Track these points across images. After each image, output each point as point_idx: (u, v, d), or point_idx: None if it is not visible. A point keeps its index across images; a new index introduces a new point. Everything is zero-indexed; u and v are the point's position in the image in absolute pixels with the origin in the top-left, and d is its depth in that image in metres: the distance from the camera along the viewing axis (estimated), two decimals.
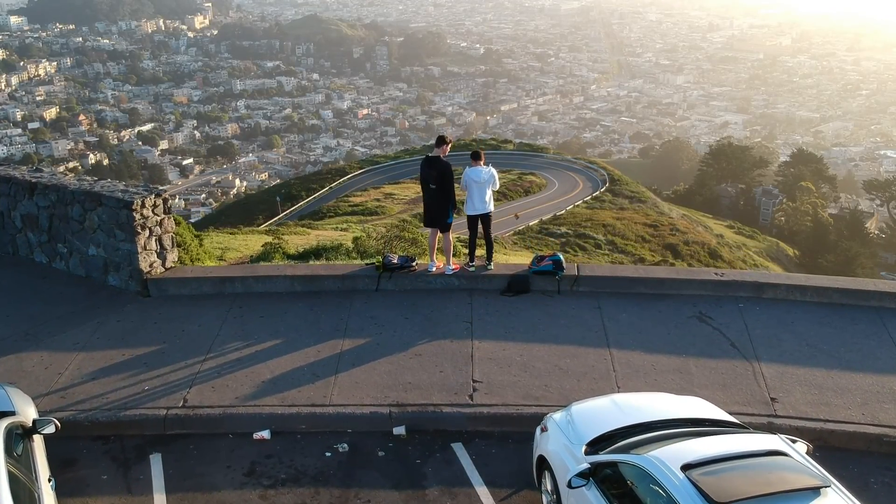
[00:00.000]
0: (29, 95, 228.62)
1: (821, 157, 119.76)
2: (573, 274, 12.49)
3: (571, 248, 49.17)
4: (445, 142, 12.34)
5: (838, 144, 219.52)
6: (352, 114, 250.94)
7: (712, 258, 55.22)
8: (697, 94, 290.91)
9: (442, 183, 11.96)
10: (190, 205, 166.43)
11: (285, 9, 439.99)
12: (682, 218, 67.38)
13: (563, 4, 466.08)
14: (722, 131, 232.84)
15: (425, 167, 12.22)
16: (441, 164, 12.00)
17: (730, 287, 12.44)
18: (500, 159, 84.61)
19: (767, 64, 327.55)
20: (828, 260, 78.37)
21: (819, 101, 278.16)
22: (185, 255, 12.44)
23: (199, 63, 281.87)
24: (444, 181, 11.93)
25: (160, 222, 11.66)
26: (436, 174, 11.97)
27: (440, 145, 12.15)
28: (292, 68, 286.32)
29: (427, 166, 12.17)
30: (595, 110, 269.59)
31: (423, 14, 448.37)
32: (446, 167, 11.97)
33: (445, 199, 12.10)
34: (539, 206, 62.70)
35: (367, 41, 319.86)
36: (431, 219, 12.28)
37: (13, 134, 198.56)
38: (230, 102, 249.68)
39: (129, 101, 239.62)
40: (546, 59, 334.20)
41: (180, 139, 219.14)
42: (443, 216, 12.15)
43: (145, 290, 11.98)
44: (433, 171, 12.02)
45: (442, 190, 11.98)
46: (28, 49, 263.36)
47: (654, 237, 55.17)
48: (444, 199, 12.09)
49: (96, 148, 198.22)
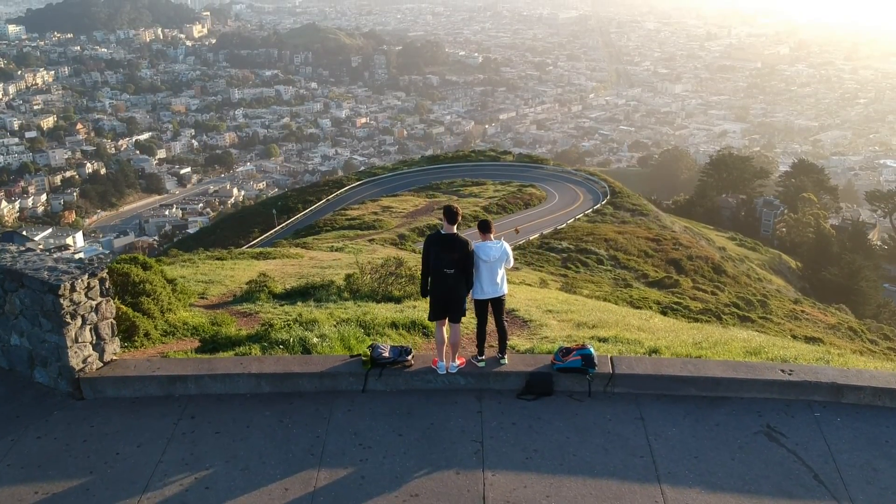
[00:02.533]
0: (26, 104, 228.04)
1: (822, 168, 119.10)
2: (607, 371, 9.99)
3: (573, 263, 48.21)
4: (489, 231, 10.09)
5: (837, 153, 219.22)
6: (350, 123, 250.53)
7: (716, 273, 54.26)
8: (696, 102, 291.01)
9: (465, 267, 9.73)
10: (187, 214, 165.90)
11: (284, 18, 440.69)
12: (684, 231, 66.49)
13: (561, 13, 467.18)
14: (721, 140, 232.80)
15: (438, 247, 9.67)
16: (462, 244, 9.70)
17: (801, 389, 9.87)
18: (499, 171, 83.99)
19: (765, 73, 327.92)
20: (831, 273, 77.53)
21: (817, 110, 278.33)
22: (155, 306, 11.22)
23: (198, 72, 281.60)
24: (467, 265, 9.74)
25: (96, 307, 9.45)
26: (458, 257, 9.62)
27: (452, 221, 9.78)
28: (291, 77, 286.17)
29: (441, 246, 9.65)
30: (593, 119, 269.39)
31: (421, 23, 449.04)
32: (469, 249, 9.80)
33: (465, 285, 9.88)
34: (539, 219, 61.78)
35: (365, 50, 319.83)
36: (444, 310, 9.93)
37: (10, 143, 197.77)
38: (228, 111, 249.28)
39: (126, 109, 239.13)
40: (544, 68, 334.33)
41: (178, 148, 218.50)
42: (460, 306, 9.97)
43: (77, 392, 9.74)
44: (454, 253, 9.60)
45: (464, 275, 9.79)
46: (26, 58, 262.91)
47: (656, 252, 54.17)
48: (463, 287, 9.86)
49: (93, 157, 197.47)
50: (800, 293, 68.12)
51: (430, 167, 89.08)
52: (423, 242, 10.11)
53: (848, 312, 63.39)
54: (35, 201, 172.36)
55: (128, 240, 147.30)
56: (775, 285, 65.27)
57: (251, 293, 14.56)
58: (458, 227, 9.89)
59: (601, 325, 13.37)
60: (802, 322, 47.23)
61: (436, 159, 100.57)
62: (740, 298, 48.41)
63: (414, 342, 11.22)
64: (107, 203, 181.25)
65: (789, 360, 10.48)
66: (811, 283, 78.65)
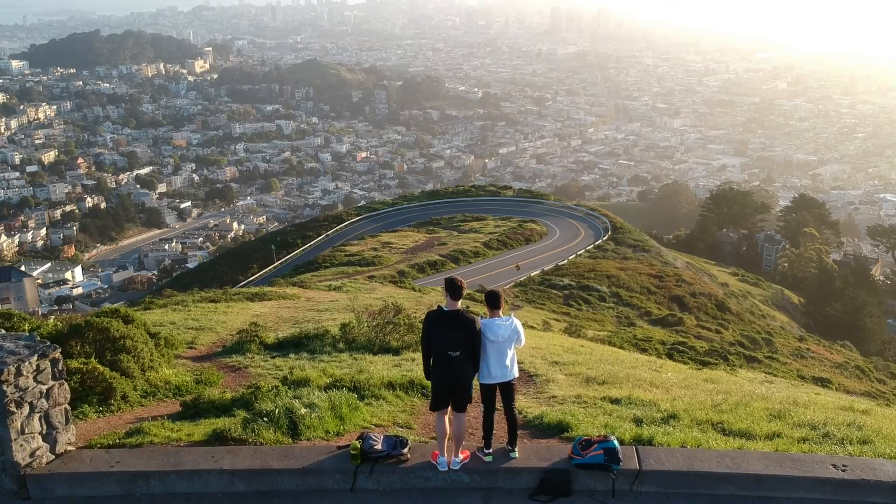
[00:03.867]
0: (28, 139, 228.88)
1: (822, 203, 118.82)
2: (633, 467, 8.49)
3: (575, 300, 47.56)
4: (498, 306, 8.74)
5: (837, 188, 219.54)
6: (350, 157, 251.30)
7: (720, 310, 53.59)
8: (695, 137, 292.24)
9: (472, 349, 8.48)
10: (187, 248, 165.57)
11: (285, 53, 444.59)
12: (686, 267, 65.88)
13: (560, 49, 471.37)
14: (720, 174, 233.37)
15: (441, 326, 8.44)
16: (468, 322, 8.43)
17: (858, 489, 8.21)
18: (499, 206, 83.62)
19: (764, 107, 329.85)
20: (835, 309, 76.78)
21: (816, 144, 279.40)
22: (135, 364, 10.51)
23: (199, 107, 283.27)
24: (474, 347, 8.49)
25: (47, 393, 8.02)
26: (464, 337, 8.38)
27: (456, 297, 8.50)
28: (291, 112, 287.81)
29: (444, 325, 8.42)
30: (593, 153, 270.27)
31: (421, 58, 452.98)
32: (476, 328, 8.51)
33: (472, 369, 8.61)
34: (540, 255, 61.19)
35: (366, 85, 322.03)
36: (448, 397, 8.64)
37: (11, 177, 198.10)
38: (229, 146, 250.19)
39: (127, 144, 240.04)
40: (544, 103, 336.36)
41: (179, 182, 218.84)
42: (466, 392, 8.65)
43: (24, 490, 8.28)
44: (459, 333, 8.36)
45: (470, 357, 8.52)
46: (28, 93, 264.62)
47: (659, 289, 53.53)
48: (470, 371, 8.60)
49: (94, 191, 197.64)
50: (804, 330, 67.33)
51: (430, 202, 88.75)
52: (423, 320, 8.79)
53: (853, 349, 62.60)
54: (35, 235, 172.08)
55: (127, 274, 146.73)
56: (779, 322, 64.53)
57: (241, 344, 13.88)
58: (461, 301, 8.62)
59: (611, 380, 12.58)
60: (809, 361, 46.44)
61: (436, 194, 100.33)
62: (745, 337, 47.68)
63: (412, 405, 10.41)
64: (106, 237, 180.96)
65: (818, 424, 9.59)
66: (815, 319, 77.81)
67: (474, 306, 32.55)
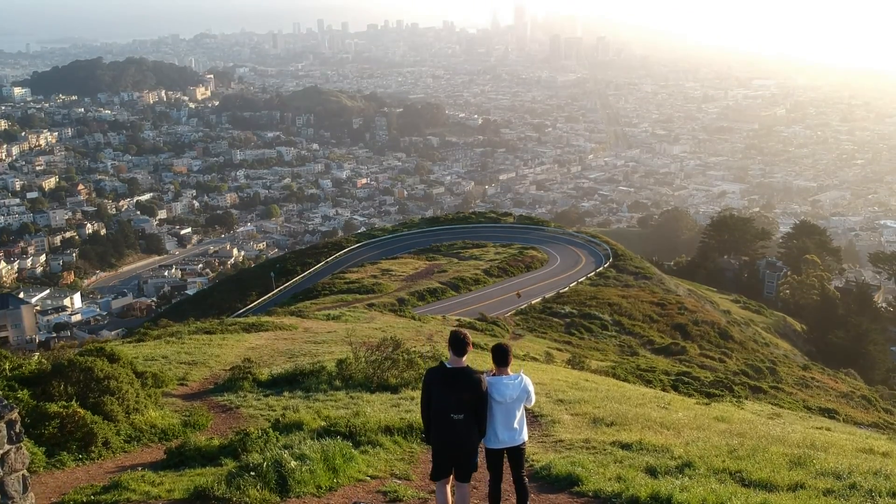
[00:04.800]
0: (28, 165, 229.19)
1: (823, 229, 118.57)
2: None
3: (577, 329, 47.08)
4: (506, 362, 7.86)
5: (837, 214, 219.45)
6: (351, 183, 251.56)
7: (723, 339, 53.09)
8: (694, 163, 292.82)
9: (477, 411, 7.53)
10: (186, 275, 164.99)
11: (286, 80, 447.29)
12: (688, 295, 65.44)
13: (559, 76, 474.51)
14: (720, 200, 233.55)
15: (443, 386, 7.54)
16: (474, 383, 7.46)
17: None
18: (500, 233, 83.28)
19: (763, 134, 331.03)
20: (838, 336, 76.30)
21: (815, 171, 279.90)
22: (119, 406, 10.02)
23: (200, 133, 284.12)
24: (479, 409, 7.55)
25: (2, 458, 6.85)
26: (468, 398, 7.45)
27: (460, 353, 7.56)
28: (292, 138, 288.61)
29: (446, 385, 7.52)
30: (593, 180, 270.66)
31: (421, 86, 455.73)
32: (483, 388, 7.56)
33: (477, 433, 7.63)
34: (541, 282, 60.73)
35: (366, 112, 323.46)
36: (450, 465, 7.70)
37: (11, 204, 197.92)
38: (230, 172, 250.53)
39: (128, 170, 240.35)
40: (543, 130, 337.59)
41: (179, 209, 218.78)
42: (470, 460, 7.67)
43: None
44: (462, 393, 7.44)
45: (475, 420, 7.56)
46: (30, 119, 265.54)
47: (661, 317, 53.06)
48: (475, 435, 7.62)
49: (94, 217, 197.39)
50: (807, 357, 66.78)
51: (431, 229, 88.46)
52: (423, 378, 7.87)
53: (857, 378, 62.05)
54: (34, 262, 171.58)
55: (126, 301, 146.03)
56: (782, 350, 63.97)
57: (234, 381, 13.37)
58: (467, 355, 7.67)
59: (620, 421, 12.00)
60: (814, 390, 45.89)
61: (436, 221, 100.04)
62: (749, 366, 47.16)
63: (411, 452, 9.83)
64: (106, 264, 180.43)
65: (842, 473, 8.92)
66: (818, 346, 77.30)
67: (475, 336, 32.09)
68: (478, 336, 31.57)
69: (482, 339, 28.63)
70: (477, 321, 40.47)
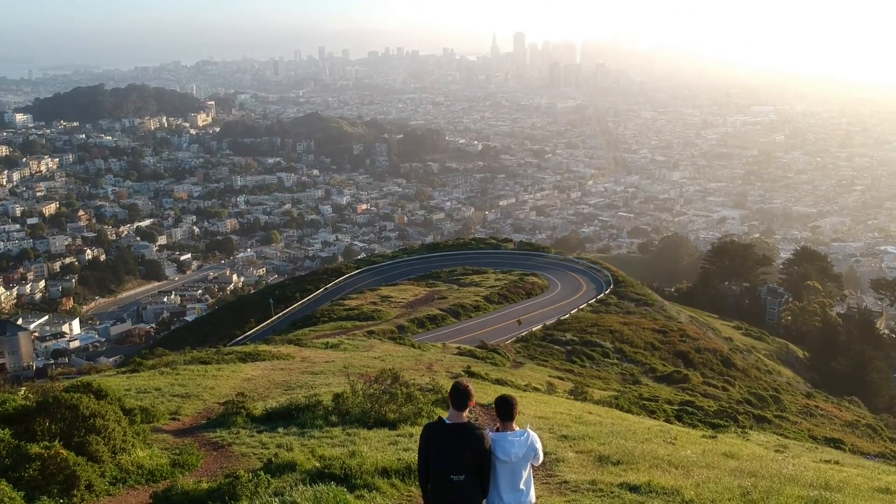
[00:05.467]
0: (29, 191, 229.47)
1: (824, 255, 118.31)
2: None
3: (578, 356, 46.58)
4: (511, 416, 7.22)
5: (837, 240, 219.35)
6: (351, 209, 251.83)
7: (726, 366, 52.58)
8: (694, 189, 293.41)
9: (480, 471, 6.88)
10: (186, 301, 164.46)
11: (287, 107, 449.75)
12: (690, 322, 65.00)
13: (559, 103, 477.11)
14: (720, 226, 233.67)
15: (443, 444, 6.93)
16: (476, 440, 6.82)
17: None
18: (500, 259, 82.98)
19: (762, 160, 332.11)
20: (841, 363, 75.78)
21: (815, 197, 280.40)
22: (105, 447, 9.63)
23: (201, 159, 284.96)
24: (482, 468, 6.91)
25: None
26: (469, 457, 6.82)
27: (462, 406, 6.93)
28: (293, 164, 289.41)
29: (446, 443, 6.92)
30: (593, 205, 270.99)
31: (422, 112, 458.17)
32: (486, 446, 6.92)
33: (479, 494, 6.95)
34: (542, 309, 60.30)
35: (367, 138, 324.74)
36: None
37: (11, 229, 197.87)
38: (230, 198, 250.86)
39: (129, 196, 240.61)
40: (543, 156, 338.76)
41: (179, 234, 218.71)
42: None
43: None
44: (464, 451, 6.83)
45: (477, 481, 6.89)
46: (31, 146, 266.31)
47: (663, 344, 52.60)
48: (477, 497, 6.93)
49: (94, 243, 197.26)
50: (810, 385, 66.20)
51: (431, 255, 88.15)
52: (421, 435, 7.20)
53: (861, 406, 61.46)
54: (33, 287, 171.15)
55: (125, 327, 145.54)
56: (785, 377, 63.41)
57: (227, 416, 12.96)
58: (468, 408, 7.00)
59: (626, 459, 11.54)
60: (818, 419, 45.31)
61: (436, 247, 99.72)
62: (752, 394, 46.61)
63: (409, 496, 9.30)
64: (105, 289, 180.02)
65: None
66: (820, 373, 76.73)
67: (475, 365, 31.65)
68: (478, 365, 31.16)
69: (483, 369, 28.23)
70: (477, 349, 40.04)
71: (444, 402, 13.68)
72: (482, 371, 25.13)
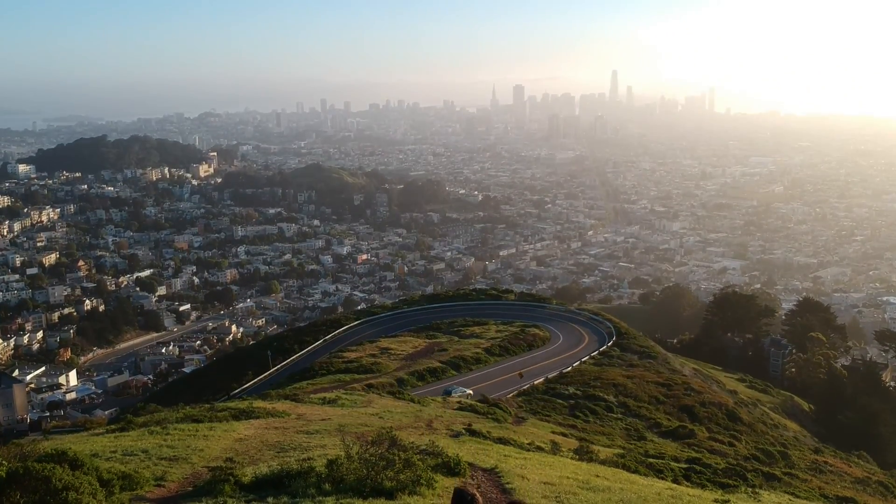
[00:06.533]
0: (30, 241, 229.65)
1: (828, 306, 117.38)
2: None
3: (581, 411, 45.68)
4: None
5: (839, 290, 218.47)
6: (351, 259, 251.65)
7: (731, 421, 51.60)
8: (694, 239, 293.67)
9: None
10: (184, 352, 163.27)
11: (289, 158, 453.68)
12: (694, 375, 64.11)
13: (558, 154, 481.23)
14: (721, 277, 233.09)
15: None
16: None
17: None
18: (501, 310, 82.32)
19: (761, 210, 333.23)
20: (847, 417, 74.48)
21: (815, 247, 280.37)
22: None
23: (202, 210, 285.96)
24: None
25: None
26: None
27: None
28: (294, 215, 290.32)
29: None
30: (593, 256, 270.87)
31: (422, 163, 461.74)
32: None
33: None
34: (544, 361, 59.49)
35: (367, 188, 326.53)
36: None
37: (10, 280, 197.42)
38: (231, 248, 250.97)
39: (129, 246, 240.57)
40: (543, 206, 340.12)
41: (179, 284, 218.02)
42: None
43: None
44: None
45: None
46: (33, 196, 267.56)
47: (668, 398, 51.70)
48: None
49: (93, 294, 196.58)
50: (817, 439, 64.96)
51: (431, 306, 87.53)
52: None
53: (870, 461, 60.29)
54: (31, 338, 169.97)
55: (122, 378, 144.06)
56: (791, 432, 62.25)
57: (215, 483, 12.29)
58: None
59: None
60: (828, 476, 44.26)
61: (436, 297, 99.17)
62: (760, 450, 45.62)
63: None
64: (104, 340, 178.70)
65: None
66: (827, 427, 75.33)
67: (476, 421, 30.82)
68: (479, 421, 30.33)
69: (484, 426, 27.42)
70: (478, 403, 39.21)
71: (444, 466, 13.03)
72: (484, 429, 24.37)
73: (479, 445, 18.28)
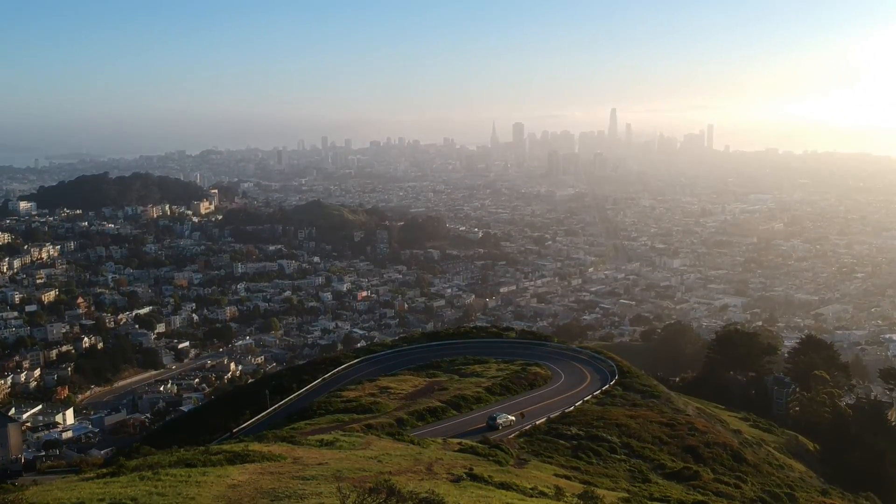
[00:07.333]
0: (29, 278, 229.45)
1: (830, 344, 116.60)
2: None
3: (584, 452, 44.90)
4: None
5: (841, 328, 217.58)
6: (351, 296, 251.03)
7: (736, 461, 50.73)
8: (695, 276, 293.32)
9: None
10: (182, 390, 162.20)
11: (290, 195, 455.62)
12: (698, 414, 63.26)
13: (558, 191, 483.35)
14: (722, 314, 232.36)
15: None
16: None
17: None
18: (502, 348, 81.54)
19: (762, 247, 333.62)
20: (853, 457, 73.49)
21: (816, 284, 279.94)
22: None
23: (202, 247, 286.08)
24: None
25: None
26: None
27: None
28: (294, 251, 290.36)
29: None
30: (594, 293, 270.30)
31: (423, 200, 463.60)
32: None
33: None
34: (546, 401, 58.65)
35: (368, 225, 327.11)
36: None
37: (9, 317, 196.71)
38: (230, 285, 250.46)
39: (129, 283, 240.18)
40: (543, 243, 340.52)
41: (178, 322, 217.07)
42: None
43: None
44: None
45: None
46: (34, 233, 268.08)
47: (672, 438, 50.87)
48: None
49: (92, 331, 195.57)
50: (823, 479, 63.98)
51: (431, 344, 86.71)
52: None
53: (878, 502, 59.43)
54: (28, 376, 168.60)
55: (119, 417, 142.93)
56: (797, 472, 61.28)
57: None
58: None
59: None
60: None
61: (436, 335, 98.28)
62: (766, 492, 44.85)
63: None
64: (101, 378, 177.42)
65: None
66: (833, 467, 74.24)
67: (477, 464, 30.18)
68: (480, 464, 29.70)
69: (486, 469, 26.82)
70: (479, 444, 38.51)
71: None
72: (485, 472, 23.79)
73: (481, 491, 17.75)
